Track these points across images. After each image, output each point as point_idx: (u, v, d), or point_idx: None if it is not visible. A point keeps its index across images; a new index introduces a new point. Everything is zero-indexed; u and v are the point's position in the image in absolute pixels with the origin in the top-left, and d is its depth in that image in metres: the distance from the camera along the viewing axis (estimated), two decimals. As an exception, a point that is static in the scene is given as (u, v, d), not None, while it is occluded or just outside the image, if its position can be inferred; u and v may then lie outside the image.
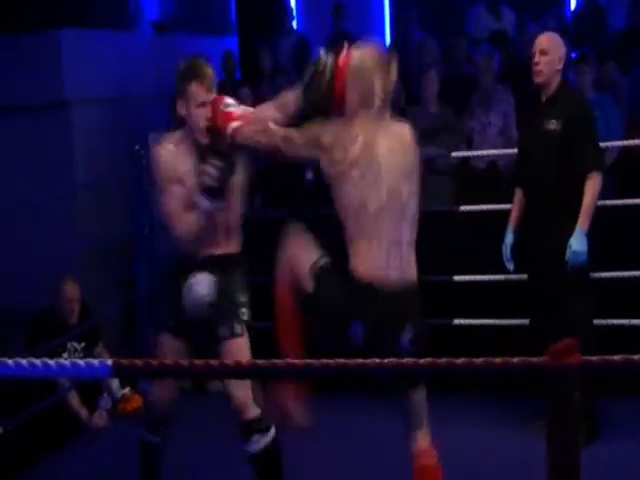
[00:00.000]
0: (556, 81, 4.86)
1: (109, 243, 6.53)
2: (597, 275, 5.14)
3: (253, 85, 7.57)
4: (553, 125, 4.78)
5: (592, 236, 4.74)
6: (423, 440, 3.54)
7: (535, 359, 2.01)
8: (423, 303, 3.43)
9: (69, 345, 5.75)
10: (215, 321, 3.80)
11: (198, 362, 2.27)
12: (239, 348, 3.77)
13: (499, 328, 5.50)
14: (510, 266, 5.05)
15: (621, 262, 5.37)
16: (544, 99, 4.90)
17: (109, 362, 2.30)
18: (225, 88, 7.82)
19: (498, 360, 2.08)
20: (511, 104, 6.69)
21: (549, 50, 4.83)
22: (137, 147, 6.14)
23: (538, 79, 4.86)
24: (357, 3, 9.26)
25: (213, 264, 3.82)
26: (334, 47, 8.44)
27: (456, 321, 5.65)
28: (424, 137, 6.70)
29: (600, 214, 4.84)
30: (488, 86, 6.73)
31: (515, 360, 2.06)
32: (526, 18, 8.62)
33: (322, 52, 3.68)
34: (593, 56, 6.71)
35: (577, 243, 4.68)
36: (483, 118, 6.73)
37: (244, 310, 3.86)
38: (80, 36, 7.21)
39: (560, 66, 4.87)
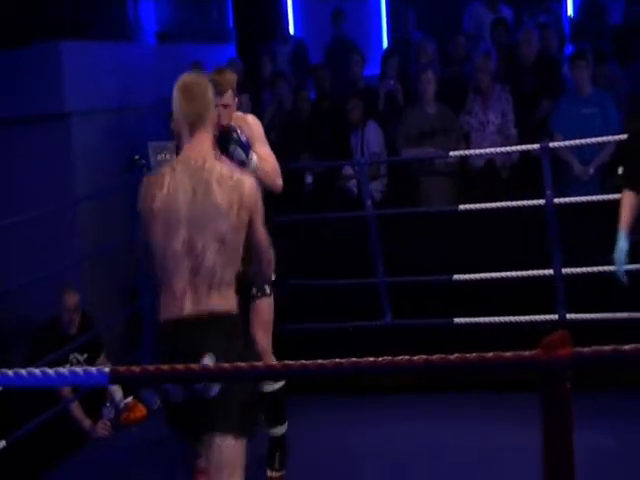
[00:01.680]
0: None
1: (111, 253, 6.55)
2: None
3: (252, 92, 7.60)
4: None
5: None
6: None
7: (527, 352, 2.03)
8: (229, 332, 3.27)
9: (71, 357, 5.76)
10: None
11: (195, 367, 2.29)
12: (263, 307, 4.31)
13: (500, 326, 5.51)
14: (623, 277, 4.48)
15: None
16: None
17: (106, 369, 2.32)
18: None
19: (490, 355, 2.09)
20: (509, 102, 6.71)
21: None
22: (137, 157, 6.17)
23: None
24: (354, 7, 9.29)
25: None
26: (334, 52, 8.51)
27: (456, 320, 5.66)
28: (422, 138, 6.79)
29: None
30: (486, 85, 6.74)
31: (507, 354, 2.07)
32: (523, 14, 8.63)
33: None
34: (591, 52, 6.71)
35: None
36: (481, 117, 6.74)
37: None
38: (80, 48, 7.24)
39: None
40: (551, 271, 5.48)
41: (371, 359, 2.24)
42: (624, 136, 5.52)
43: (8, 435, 4.73)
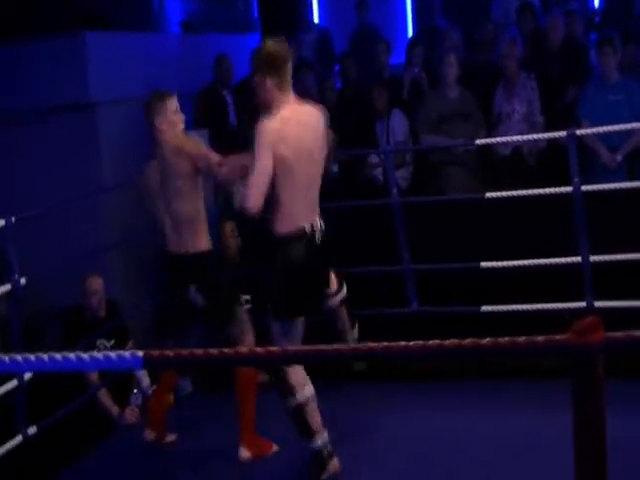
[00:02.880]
0: None
1: (137, 242, 6.58)
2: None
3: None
4: None
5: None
6: None
7: (559, 337, 2.03)
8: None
9: (98, 342, 5.80)
10: None
11: (228, 351, 2.30)
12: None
13: (527, 314, 5.49)
14: None
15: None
16: None
17: (140, 354, 2.34)
18: (250, 84, 7.87)
19: (522, 339, 2.09)
20: (535, 90, 6.67)
21: None
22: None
23: None
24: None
25: None
26: (358, 41, 8.49)
27: (483, 308, 5.65)
28: (441, 122, 6.76)
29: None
30: (512, 72, 6.71)
31: (539, 338, 2.07)
32: (551, 2, 8.57)
33: None
34: (618, 38, 6.66)
35: None
36: (507, 105, 6.71)
37: None
38: (105, 37, 7.28)
39: None
40: (579, 258, 5.46)
41: (402, 343, 2.24)
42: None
43: (38, 421, 4.78)
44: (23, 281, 4.85)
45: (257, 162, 4.03)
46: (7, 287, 4.78)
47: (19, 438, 4.68)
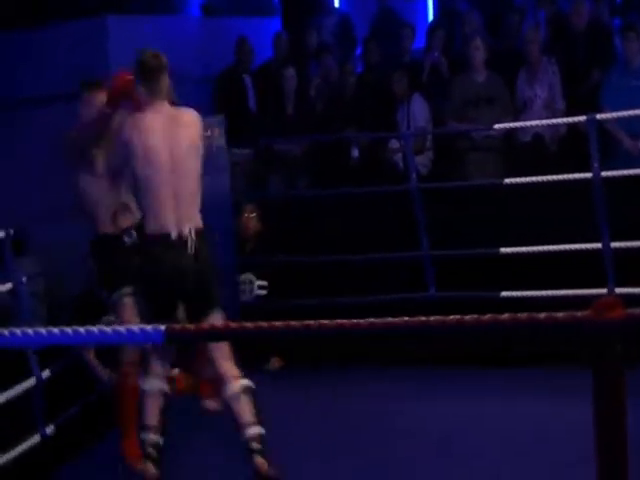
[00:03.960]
0: None
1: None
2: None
3: (298, 65, 7.62)
4: None
5: None
6: None
7: (579, 313, 2.03)
8: None
9: (104, 318, 5.81)
10: None
11: (249, 325, 2.31)
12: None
13: (548, 300, 5.48)
14: None
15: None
16: None
17: (162, 327, 2.35)
18: (270, 68, 7.90)
19: (542, 315, 2.09)
20: (556, 75, 6.62)
21: None
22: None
23: None
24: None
25: None
26: (379, 25, 8.44)
27: (503, 293, 5.64)
28: (467, 106, 6.74)
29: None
30: (534, 58, 6.67)
31: (559, 315, 2.07)
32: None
33: None
34: (640, 23, 6.61)
35: None
36: (529, 90, 6.68)
37: None
38: (126, 21, 7.29)
39: None
40: (599, 245, 5.44)
41: (422, 318, 2.23)
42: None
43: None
44: (24, 279, 4.93)
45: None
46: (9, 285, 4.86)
47: (37, 437, 4.70)
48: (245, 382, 4.17)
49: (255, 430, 4.09)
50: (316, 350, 5.33)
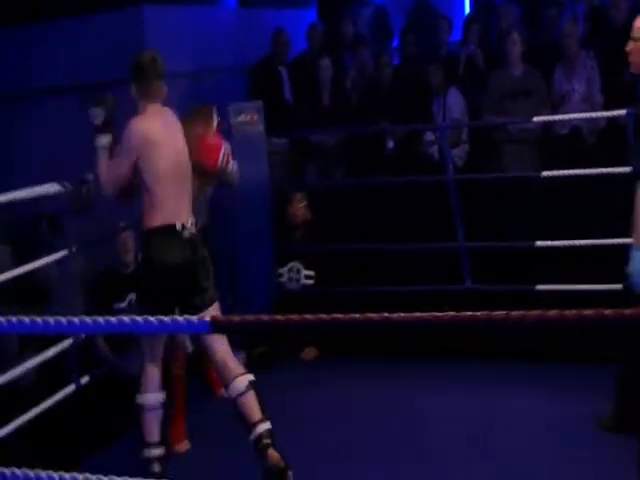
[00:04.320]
0: None
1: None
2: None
3: (334, 56, 7.63)
4: None
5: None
6: None
7: (628, 311, 2.01)
8: None
9: (129, 297, 5.85)
10: None
11: (294, 317, 2.32)
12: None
13: (584, 294, 5.46)
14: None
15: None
16: None
17: (208, 319, 2.37)
18: (306, 59, 7.91)
19: (590, 311, 2.08)
20: (595, 69, 6.59)
21: None
22: (218, 119, 6.23)
23: (632, 68, 4.51)
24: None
25: None
26: (416, 16, 8.41)
27: (539, 287, 5.62)
28: (504, 100, 6.72)
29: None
30: (572, 52, 6.63)
31: (608, 312, 2.06)
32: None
33: None
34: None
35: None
36: (567, 84, 6.65)
37: None
38: (163, 11, 7.33)
39: None
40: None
41: (467, 313, 2.23)
42: None
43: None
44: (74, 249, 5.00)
45: (117, 158, 4.26)
46: (64, 252, 4.93)
47: (72, 387, 4.84)
48: (250, 377, 4.19)
49: (265, 426, 4.10)
50: (351, 341, 5.34)
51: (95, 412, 5.03)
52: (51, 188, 4.67)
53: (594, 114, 6.02)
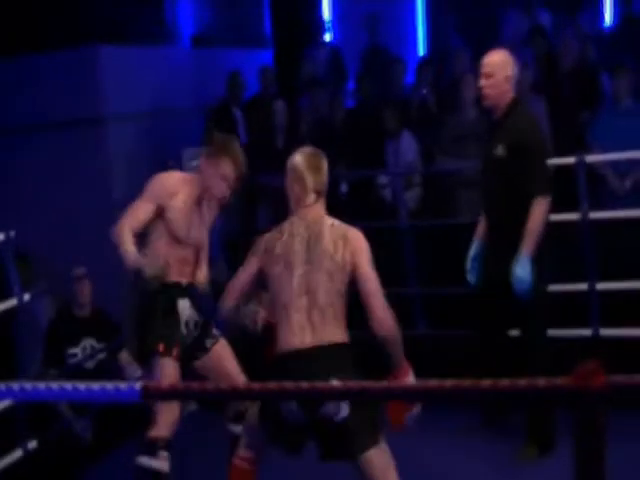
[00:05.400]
0: (504, 102, 4.82)
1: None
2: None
3: (288, 98, 7.62)
4: (499, 150, 4.76)
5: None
6: None
7: (560, 380, 1.99)
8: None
9: (84, 341, 5.77)
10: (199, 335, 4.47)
11: (224, 386, 2.28)
12: (226, 344, 4.51)
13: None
14: (472, 278, 5.00)
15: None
16: (495, 121, 4.90)
17: (137, 385, 2.31)
18: (260, 101, 7.90)
19: (523, 382, 2.06)
20: (545, 113, 6.63)
21: (493, 72, 4.80)
22: (170, 162, 6.21)
23: (485, 102, 4.89)
24: (391, 13, 9.25)
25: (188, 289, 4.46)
26: (369, 58, 8.44)
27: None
28: (457, 143, 6.73)
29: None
30: (523, 96, 6.66)
31: (541, 381, 2.04)
32: (561, 19, 8.54)
33: None
34: (632, 64, 6.61)
35: (520, 270, 4.62)
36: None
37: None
38: (118, 51, 7.31)
39: (507, 86, 4.82)
40: (585, 286, 5.44)
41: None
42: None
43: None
44: (27, 297, 4.87)
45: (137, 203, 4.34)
46: (13, 302, 4.81)
47: (19, 452, 4.71)
48: None
49: None
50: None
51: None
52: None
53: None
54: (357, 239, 3.73)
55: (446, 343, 5.79)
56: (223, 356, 4.51)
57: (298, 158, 3.84)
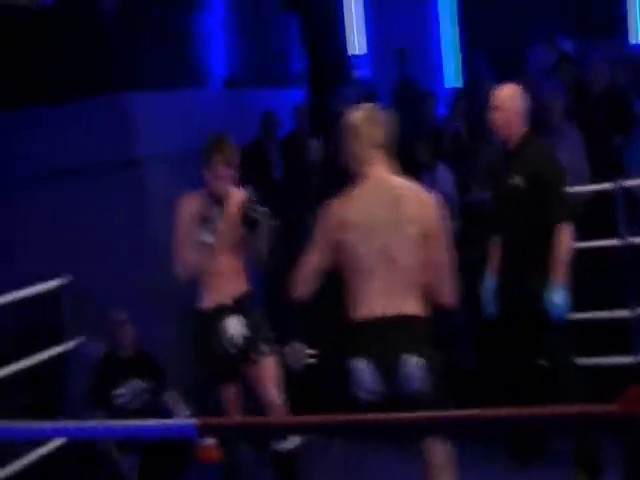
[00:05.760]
0: (516, 134, 4.90)
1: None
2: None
3: (322, 136, 7.70)
4: (517, 180, 4.82)
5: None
6: None
7: (607, 407, 2.00)
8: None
9: (130, 382, 5.81)
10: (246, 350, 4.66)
11: (285, 419, 2.31)
12: (272, 365, 4.67)
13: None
14: (490, 309, 5.01)
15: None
16: (509, 152, 4.95)
17: (193, 421, 2.35)
18: (295, 139, 7.98)
19: (573, 408, 2.07)
20: (579, 140, 6.64)
21: (505, 105, 4.89)
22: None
23: (498, 134, 4.97)
24: (421, 48, 9.34)
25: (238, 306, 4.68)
26: (399, 94, 8.52)
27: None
28: (493, 174, 6.73)
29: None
30: (555, 124, 6.69)
31: (589, 408, 2.05)
32: (584, 45, 8.58)
33: None
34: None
35: (556, 297, 4.66)
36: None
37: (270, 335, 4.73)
38: (149, 98, 7.41)
39: (518, 119, 4.90)
40: (626, 312, 5.42)
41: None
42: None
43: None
44: (79, 341, 4.97)
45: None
46: (67, 345, 4.91)
47: None
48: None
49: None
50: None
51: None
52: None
53: (583, 188, 6.04)
54: (434, 203, 3.58)
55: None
56: (264, 375, 4.68)
57: (354, 114, 3.67)
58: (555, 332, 4.76)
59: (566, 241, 4.71)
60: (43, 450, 4.69)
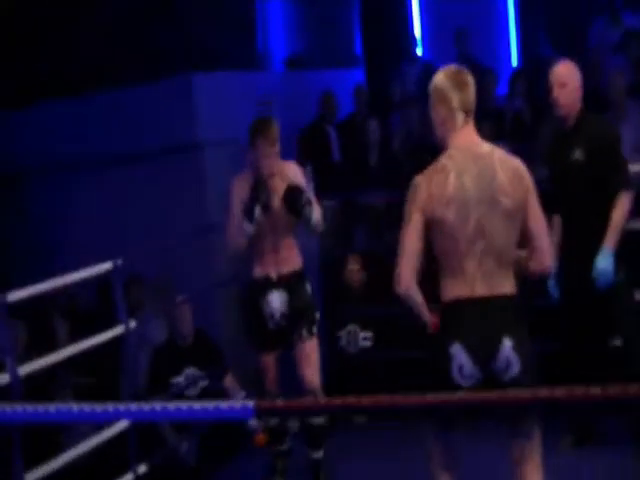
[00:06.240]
0: (576, 109, 4.84)
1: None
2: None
3: (382, 116, 7.65)
4: (578, 155, 4.77)
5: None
6: None
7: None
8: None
9: (186, 370, 5.82)
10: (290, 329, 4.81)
11: (336, 400, 2.30)
12: (312, 348, 4.79)
13: None
14: (555, 293, 4.91)
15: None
16: (568, 129, 4.89)
17: (251, 403, 2.35)
18: (354, 120, 7.94)
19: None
20: (644, 117, 6.52)
21: (567, 82, 4.82)
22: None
23: (560, 112, 4.87)
24: (481, 26, 9.20)
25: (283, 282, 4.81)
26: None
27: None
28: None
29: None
30: (620, 101, 6.56)
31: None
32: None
33: None
34: None
35: (602, 262, 4.62)
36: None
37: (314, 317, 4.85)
38: (211, 78, 7.43)
39: (578, 95, 4.84)
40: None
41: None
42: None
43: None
44: (132, 324, 4.99)
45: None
46: (120, 329, 4.93)
47: (130, 476, 4.83)
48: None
49: None
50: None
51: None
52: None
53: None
54: (527, 174, 3.41)
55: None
56: (302, 358, 4.79)
57: (440, 76, 3.47)
58: (627, 310, 4.70)
59: (624, 208, 4.67)
60: (108, 433, 4.73)
